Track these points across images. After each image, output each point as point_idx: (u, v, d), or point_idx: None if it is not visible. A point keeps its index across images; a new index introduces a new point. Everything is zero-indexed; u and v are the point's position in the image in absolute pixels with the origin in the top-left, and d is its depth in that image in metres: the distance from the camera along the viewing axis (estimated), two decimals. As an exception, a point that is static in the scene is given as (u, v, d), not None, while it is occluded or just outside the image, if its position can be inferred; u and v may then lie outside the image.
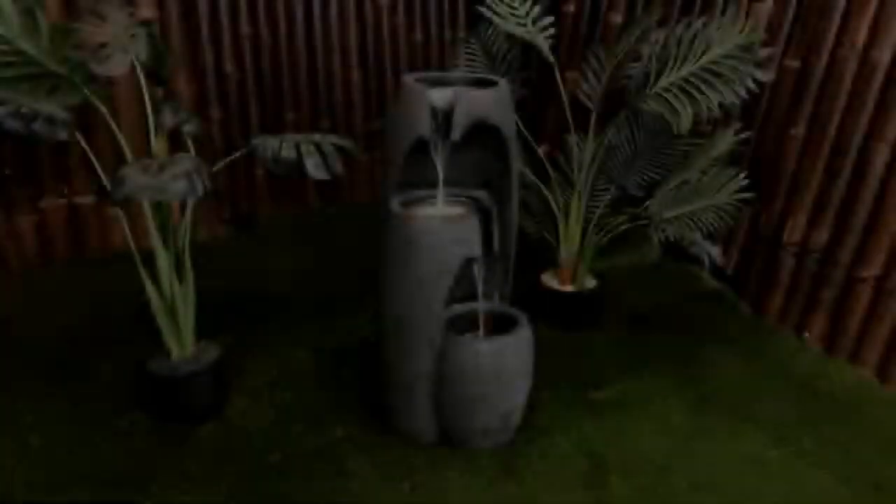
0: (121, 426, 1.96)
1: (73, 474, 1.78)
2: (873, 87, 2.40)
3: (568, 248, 2.51)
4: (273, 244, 3.08)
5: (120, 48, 1.94)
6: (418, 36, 3.51)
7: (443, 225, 1.78)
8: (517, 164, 1.97)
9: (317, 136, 1.79)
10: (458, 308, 1.98)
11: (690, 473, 1.90)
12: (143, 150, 1.97)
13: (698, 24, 2.11)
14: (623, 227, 2.44)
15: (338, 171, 1.74)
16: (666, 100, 2.05)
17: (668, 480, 1.87)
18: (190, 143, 2.13)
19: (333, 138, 1.80)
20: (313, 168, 1.71)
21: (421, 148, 1.84)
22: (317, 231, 3.17)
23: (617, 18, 3.29)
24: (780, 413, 2.15)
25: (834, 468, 1.92)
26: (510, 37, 2.49)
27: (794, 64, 2.69)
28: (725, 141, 2.36)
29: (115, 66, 1.91)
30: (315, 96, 3.32)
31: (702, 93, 2.03)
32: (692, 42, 2.08)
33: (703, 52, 2.06)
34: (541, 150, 2.57)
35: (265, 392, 2.12)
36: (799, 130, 2.63)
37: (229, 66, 3.07)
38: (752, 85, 2.06)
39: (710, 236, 2.86)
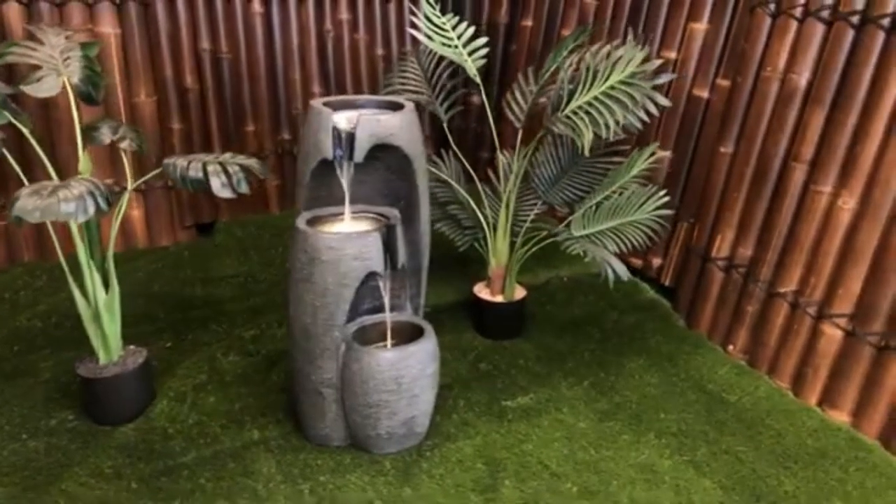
0: (49, 425, 2.09)
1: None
2: (793, 108, 2.48)
3: (497, 260, 2.60)
4: (227, 251, 3.20)
5: (53, 72, 2.07)
6: (379, 51, 3.62)
7: (343, 241, 1.89)
8: (424, 183, 2.07)
9: (226, 157, 1.91)
10: (367, 319, 2.09)
11: (582, 480, 1.99)
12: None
13: (607, 48, 2.20)
14: (546, 242, 2.53)
15: (244, 190, 1.85)
16: (572, 121, 2.14)
17: (559, 486, 1.96)
18: (125, 158, 2.26)
19: (241, 159, 1.91)
20: (219, 187, 1.83)
21: (330, 167, 1.95)
22: (272, 239, 3.29)
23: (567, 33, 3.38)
24: (685, 423, 2.23)
25: (720, 477, 2.00)
26: (442, 56, 2.59)
27: (725, 83, 2.77)
28: (643, 159, 2.44)
29: (47, 89, 2.04)
30: (276, 108, 3.44)
31: (602, 115, 2.11)
32: (597, 67, 2.16)
33: (608, 77, 2.15)
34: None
35: (190, 395, 2.23)
36: (728, 148, 2.71)
37: (189, 80, 3.20)
38: (652, 108, 2.15)
39: (642, 251, 2.95)
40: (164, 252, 3.20)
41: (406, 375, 1.98)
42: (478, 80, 2.48)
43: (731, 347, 2.67)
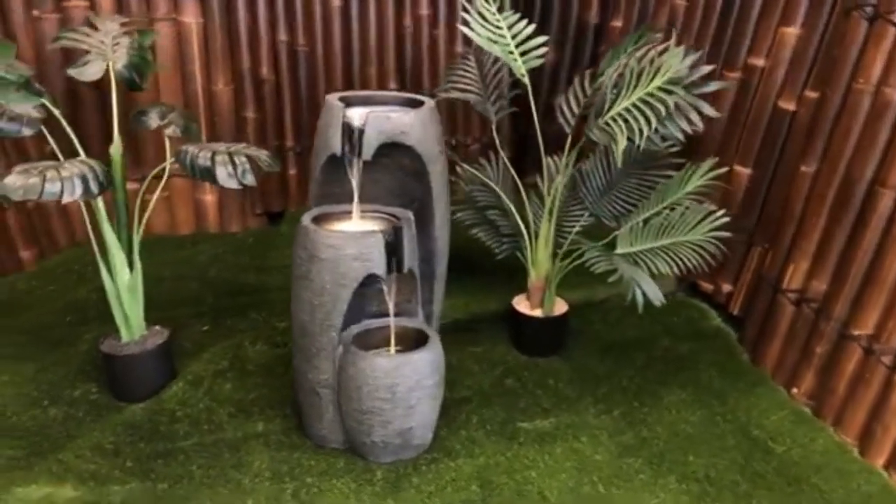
0: (73, 395, 2.18)
1: (6, 425, 2.01)
2: (885, 126, 2.17)
3: (536, 272, 2.46)
4: (289, 240, 3.23)
5: (99, 57, 2.15)
6: (459, 48, 3.54)
7: (343, 240, 1.83)
8: (440, 185, 1.98)
9: (239, 147, 1.90)
10: (373, 323, 2.03)
11: (579, 518, 1.83)
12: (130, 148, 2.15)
13: (653, 52, 2.01)
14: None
15: (249, 181, 1.84)
16: (609, 129, 1.98)
17: (551, 522, 1.82)
18: (168, 143, 2.31)
19: (253, 150, 1.90)
20: (224, 177, 1.82)
21: (343, 164, 1.91)
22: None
23: (657, 36, 3.16)
24: (715, 470, 2.01)
25: (737, 537, 1.78)
26: (499, 54, 2.47)
27: (814, 95, 2.48)
28: (700, 176, 2.22)
29: (91, 74, 2.12)
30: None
31: (647, 123, 1.93)
32: (642, 71, 1.98)
33: (650, 82, 1.96)
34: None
35: (208, 380, 2.26)
36: (810, 168, 2.43)
37: (266, 71, 3.26)
38: (695, 119, 1.94)
39: (710, 273, 2.70)
40: (231, 238, 3.28)
41: (401, 385, 1.90)
42: (525, 80, 2.35)
43: (795, 391, 2.39)
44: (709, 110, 1.94)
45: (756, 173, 2.70)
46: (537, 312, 2.50)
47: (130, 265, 2.13)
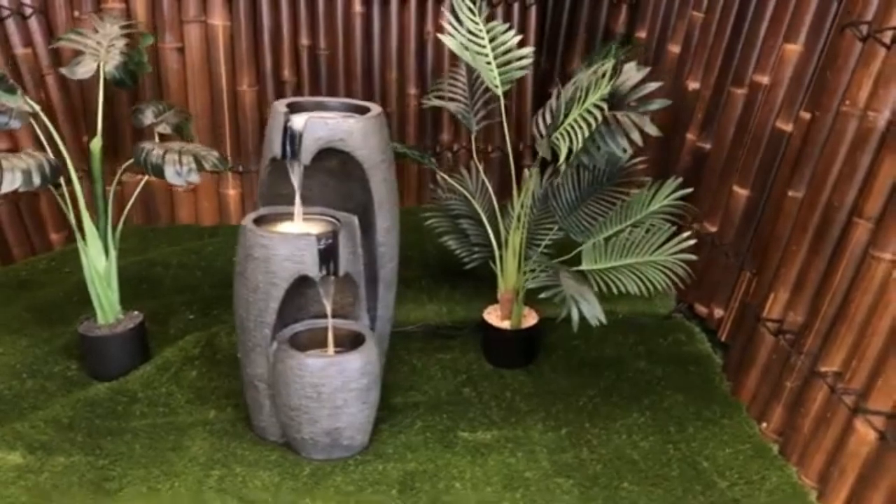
0: (52, 370, 2.36)
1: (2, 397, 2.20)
2: (867, 152, 2.05)
3: (506, 283, 2.46)
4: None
5: (92, 58, 2.31)
6: (481, 55, 3.55)
7: (275, 240, 1.90)
8: (382, 192, 2.01)
9: (190, 148, 2.00)
10: (316, 323, 2.08)
11: (488, 533, 1.82)
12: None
13: (604, 67, 1.97)
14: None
15: (193, 179, 1.94)
16: (553, 143, 1.95)
17: (459, 534, 1.82)
18: (156, 138, 2.45)
19: (201, 150, 2.00)
20: (172, 174, 1.93)
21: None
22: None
23: (675, 49, 3.08)
24: (647, 499, 1.95)
25: (641, 570, 1.73)
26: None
27: (806, 116, 2.36)
28: (664, 195, 2.16)
29: (82, 73, 2.28)
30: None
31: (586, 138, 1.90)
32: (590, 86, 1.94)
33: (586, 98, 1.92)
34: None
35: (176, 366, 2.38)
36: (798, 192, 2.31)
37: (287, 73, 3.39)
38: (636, 138, 1.88)
39: (704, 295, 2.61)
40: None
41: (326, 385, 1.95)
42: (499, 92, 2.34)
43: (764, 425, 2.28)
44: (651, 129, 1.89)
45: (753, 195, 2.59)
46: (505, 324, 2.49)
47: (107, 253, 2.27)
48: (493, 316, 2.51)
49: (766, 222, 2.49)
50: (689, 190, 2.28)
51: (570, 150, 1.84)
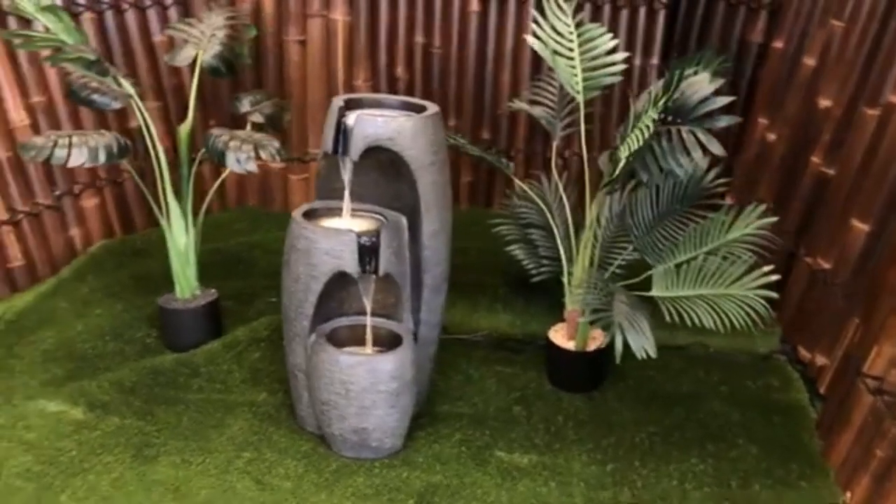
0: (134, 336, 2.52)
1: (72, 349, 2.39)
2: None
3: (572, 301, 2.32)
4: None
5: (193, 46, 2.44)
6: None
7: (317, 234, 1.91)
8: (430, 195, 1.96)
9: (254, 137, 2.06)
10: (360, 319, 2.07)
11: (494, 562, 1.73)
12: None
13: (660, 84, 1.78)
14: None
15: (250, 168, 1.99)
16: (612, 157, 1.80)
17: (463, 558, 1.74)
18: (248, 126, 2.55)
19: (263, 140, 2.04)
20: (231, 162, 1.99)
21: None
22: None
23: (811, 61, 2.77)
24: (680, 556, 1.76)
25: None
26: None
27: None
28: (746, 223, 1.93)
29: (181, 60, 2.42)
30: (480, 107, 3.47)
31: (655, 155, 1.73)
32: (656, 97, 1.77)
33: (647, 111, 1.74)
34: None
35: (242, 345, 2.46)
36: (918, 232, 2.00)
37: (400, 70, 3.41)
38: (696, 156, 1.68)
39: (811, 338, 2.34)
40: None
41: (355, 384, 1.93)
42: (579, 98, 2.21)
43: (847, 495, 2.00)
44: (716, 147, 1.68)
45: (873, 231, 2.27)
46: (570, 344, 2.35)
47: (187, 232, 2.39)
48: (559, 334, 2.38)
49: (882, 264, 2.17)
50: (773, 219, 2.02)
51: (626, 167, 1.69)
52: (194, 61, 2.40)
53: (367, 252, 1.91)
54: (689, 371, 2.48)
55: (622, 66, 2.25)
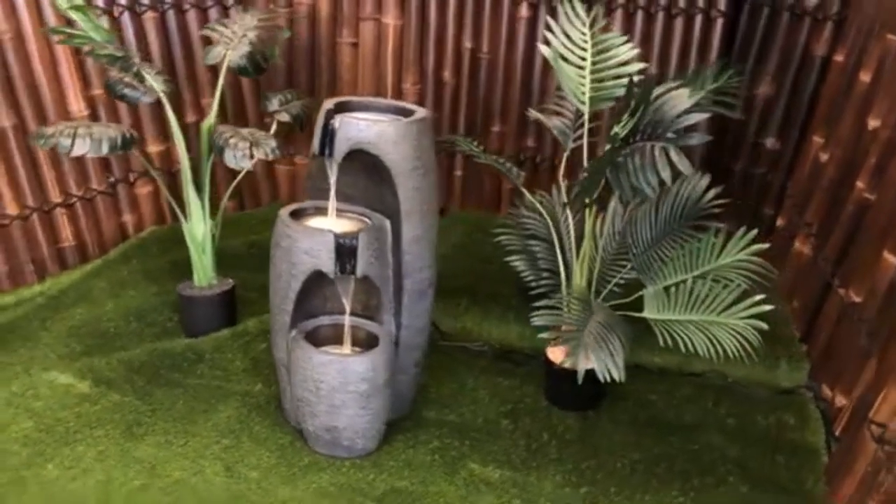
0: (157, 319, 2.65)
1: (98, 326, 2.55)
2: None
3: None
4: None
5: (223, 46, 2.55)
6: (653, 69, 3.27)
7: (297, 233, 1.95)
8: (410, 201, 1.96)
9: (256, 135, 2.12)
10: (342, 318, 2.10)
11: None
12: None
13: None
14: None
15: (244, 165, 2.06)
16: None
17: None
18: (274, 125, 2.63)
19: (262, 139, 2.11)
20: (229, 158, 2.07)
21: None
22: (476, 235, 3.30)
23: (866, 77, 2.57)
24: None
25: None
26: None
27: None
28: (738, 247, 1.82)
29: (211, 59, 2.53)
30: (525, 114, 3.42)
31: (627, 171, 1.66)
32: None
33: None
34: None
35: (251, 336, 2.54)
36: (939, 269, 1.82)
37: (447, 74, 3.43)
38: (664, 175, 1.59)
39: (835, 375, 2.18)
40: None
41: (325, 382, 1.96)
42: (584, 109, 2.15)
43: (838, 548, 1.84)
44: (683, 165, 1.59)
45: (905, 263, 2.08)
46: (566, 363, 2.28)
47: (205, 224, 2.50)
48: (558, 351, 2.32)
49: (905, 301, 1.99)
50: (764, 246, 1.89)
51: (590, 182, 1.63)
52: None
53: (346, 253, 1.93)
54: (696, 399, 2.36)
55: (637, 78, 2.16)
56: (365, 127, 1.89)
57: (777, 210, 3.14)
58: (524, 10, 3.30)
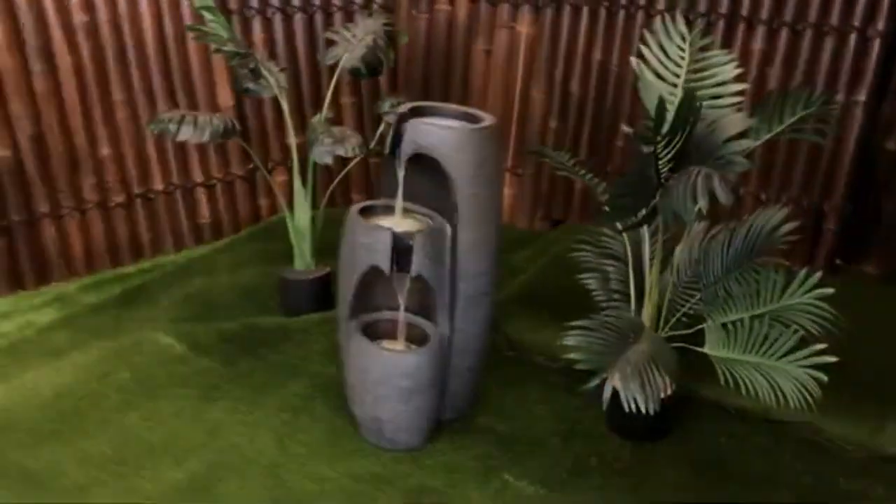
0: (260, 297, 2.87)
1: (206, 297, 2.81)
2: None
3: (636, 342, 2.16)
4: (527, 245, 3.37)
5: (342, 48, 2.71)
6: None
7: (359, 230, 2.04)
8: (468, 207, 1.98)
9: (345, 133, 2.25)
10: (392, 314, 2.17)
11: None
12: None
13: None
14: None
15: (326, 160, 2.19)
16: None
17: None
18: (381, 125, 2.76)
19: (350, 137, 2.23)
20: (316, 153, 2.21)
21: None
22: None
23: None
24: None
25: None
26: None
27: None
28: (799, 288, 1.66)
29: (329, 59, 2.71)
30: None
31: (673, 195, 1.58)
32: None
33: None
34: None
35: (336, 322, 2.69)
36: None
37: (575, 85, 3.39)
38: (701, 201, 1.47)
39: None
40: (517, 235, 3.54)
41: (371, 372, 2.04)
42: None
43: None
44: (721, 193, 1.46)
45: None
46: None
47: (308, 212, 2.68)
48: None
49: None
50: (829, 291, 1.69)
51: (622, 206, 1.57)
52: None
53: (401, 251, 1.99)
54: (773, 450, 2.17)
55: (740, 98, 2.03)
56: (426, 132, 1.95)
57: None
58: (658, 25, 3.17)
